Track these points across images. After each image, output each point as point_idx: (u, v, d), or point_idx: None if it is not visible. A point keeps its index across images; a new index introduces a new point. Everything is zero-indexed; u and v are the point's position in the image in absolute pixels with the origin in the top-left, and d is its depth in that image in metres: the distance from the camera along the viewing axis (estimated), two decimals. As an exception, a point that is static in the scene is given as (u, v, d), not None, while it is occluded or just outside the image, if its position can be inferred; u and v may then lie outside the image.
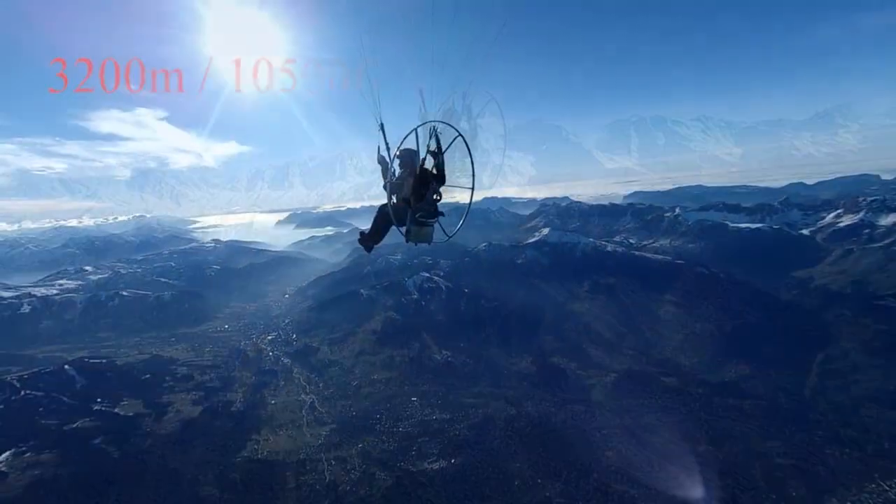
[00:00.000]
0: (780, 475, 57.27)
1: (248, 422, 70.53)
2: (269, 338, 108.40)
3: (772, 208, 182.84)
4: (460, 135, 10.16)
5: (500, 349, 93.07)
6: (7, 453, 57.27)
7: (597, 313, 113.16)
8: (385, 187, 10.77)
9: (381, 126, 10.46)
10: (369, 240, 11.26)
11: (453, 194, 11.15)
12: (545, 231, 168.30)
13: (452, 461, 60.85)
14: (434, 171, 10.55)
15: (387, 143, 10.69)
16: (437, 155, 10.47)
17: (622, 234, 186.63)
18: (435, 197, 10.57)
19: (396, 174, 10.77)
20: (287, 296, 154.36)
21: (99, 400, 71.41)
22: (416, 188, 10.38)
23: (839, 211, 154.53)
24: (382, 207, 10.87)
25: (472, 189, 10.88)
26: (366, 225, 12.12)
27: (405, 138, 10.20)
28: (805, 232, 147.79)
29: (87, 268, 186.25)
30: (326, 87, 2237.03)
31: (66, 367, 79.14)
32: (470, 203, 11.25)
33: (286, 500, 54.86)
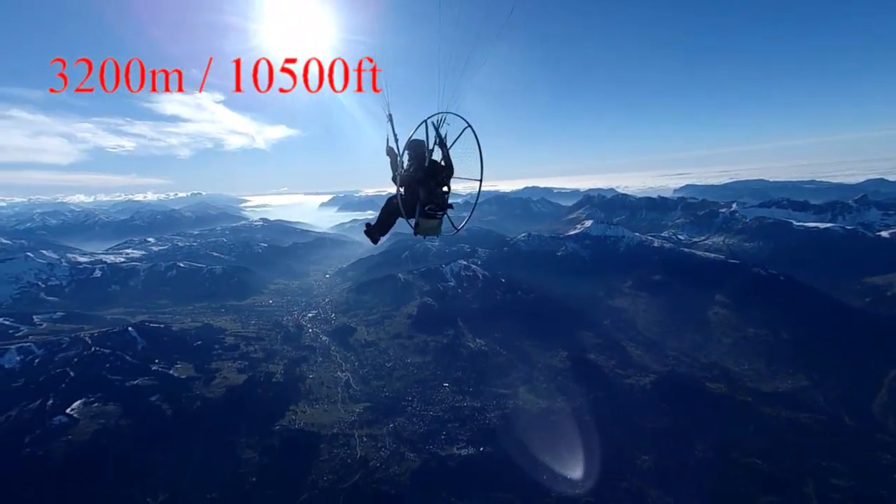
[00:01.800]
0: (837, 496, 52.98)
1: (288, 393, 73.69)
2: (310, 315, 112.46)
3: (845, 207, 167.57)
4: (469, 126, 10.05)
5: (534, 341, 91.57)
6: (78, 402, 63.02)
7: (639, 311, 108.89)
8: (394, 179, 10.50)
9: (390, 117, 10.28)
10: (376, 231, 10.95)
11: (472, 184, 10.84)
12: (587, 223, 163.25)
13: (481, 449, 60.92)
14: (442, 163, 10.43)
15: (395, 135, 10.48)
16: (446, 146, 10.35)
17: (671, 230, 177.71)
18: (444, 189, 10.47)
19: (405, 166, 10.56)
20: (328, 276, 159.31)
21: (156, 361, 76.99)
22: (424, 180, 10.16)
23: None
24: (391, 199, 10.60)
25: (481, 181, 10.72)
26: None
27: (415, 130, 10.04)
28: (884, 234, 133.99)
29: (150, 239, 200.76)
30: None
31: (130, 328, 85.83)
32: (478, 195, 11.10)
33: (319, 469, 57.10)
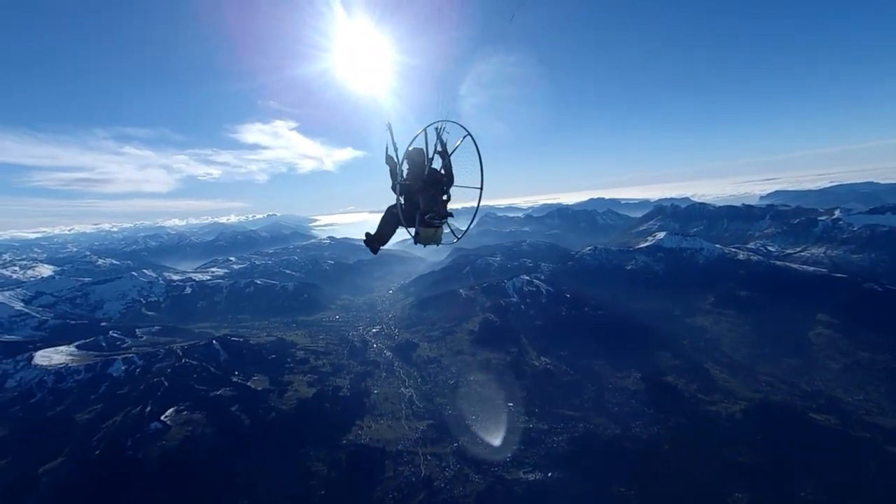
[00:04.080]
0: None
1: (354, 408, 75.27)
2: (374, 330, 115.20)
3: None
4: (469, 135, 10.04)
5: (604, 361, 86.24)
6: (171, 409, 68.88)
7: (723, 330, 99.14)
8: (393, 188, 10.30)
9: (389, 126, 10.13)
10: (375, 241, 10.76)
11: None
12: (660, 235, 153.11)
13: (549, 474, 57.77)
14: (443, 172, 10.42)
15: (395, 144, 10.31)
16: (446, 155, 10.37)
17: (759, 241, 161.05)
18: (444, 198, 10.40)
19: (405, 175, 10.42)
20: (391, 291, 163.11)
21: (236, 373, 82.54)
22: (424, 189, 10.09)
23: None
24: (391, 208, 10.45)
25: (481, 189, 10.62)
26: (466, 225, 11.79)
27: (414, 139, 9.99)
28: None
29: (232, 258, 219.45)
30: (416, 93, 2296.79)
31: (214, 342, 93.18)
32: (479, 203, 10.79)
33: (385, 487, 57.18)
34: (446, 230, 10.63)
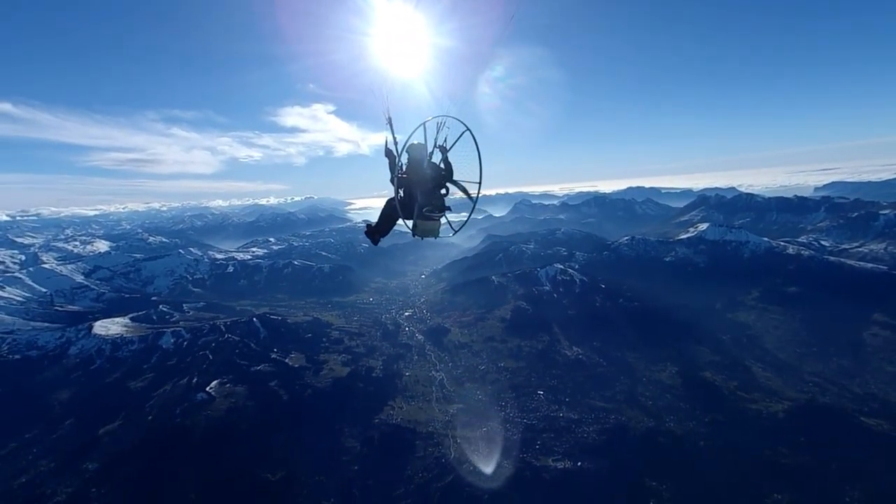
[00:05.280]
0: None
1: (386, 388, 77.33)
2: (407, 314, 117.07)
3: None
4: (468, 129, 10.15)
5: (638, 353, 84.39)
6: (215, 382, 73.13)
7: (768, 327, 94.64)
8: (392, 181, 10.48)
9: (389, 120, 10.36)
10: (376, 232, 11.21)
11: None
12: (702, 226, 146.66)
13: (578, 464, 57.64)
14: (442, 166, 10.59)
15: (394, 137, 10.54)
16: (445, 149, 10.54)
17: (811, 235, 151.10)
18: (442, 192, 10.55)
19: (404, 168, 10.60)
20: (424, 276, 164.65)
21: (275, 350, 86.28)
22: (423, 183, 10.27)
23: None
24: (390, 201, 10.69)
25: (479, 183, 10.75)
26: (500, 213, 11.76)
27: (413, 132, 10.16)
28: None
29: (271, 239, 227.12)
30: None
31: (254, 319, 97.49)
32: (477, 197, 10.96)
33: (415, 466, 58.82)
34: (444, 223, 10.84)
